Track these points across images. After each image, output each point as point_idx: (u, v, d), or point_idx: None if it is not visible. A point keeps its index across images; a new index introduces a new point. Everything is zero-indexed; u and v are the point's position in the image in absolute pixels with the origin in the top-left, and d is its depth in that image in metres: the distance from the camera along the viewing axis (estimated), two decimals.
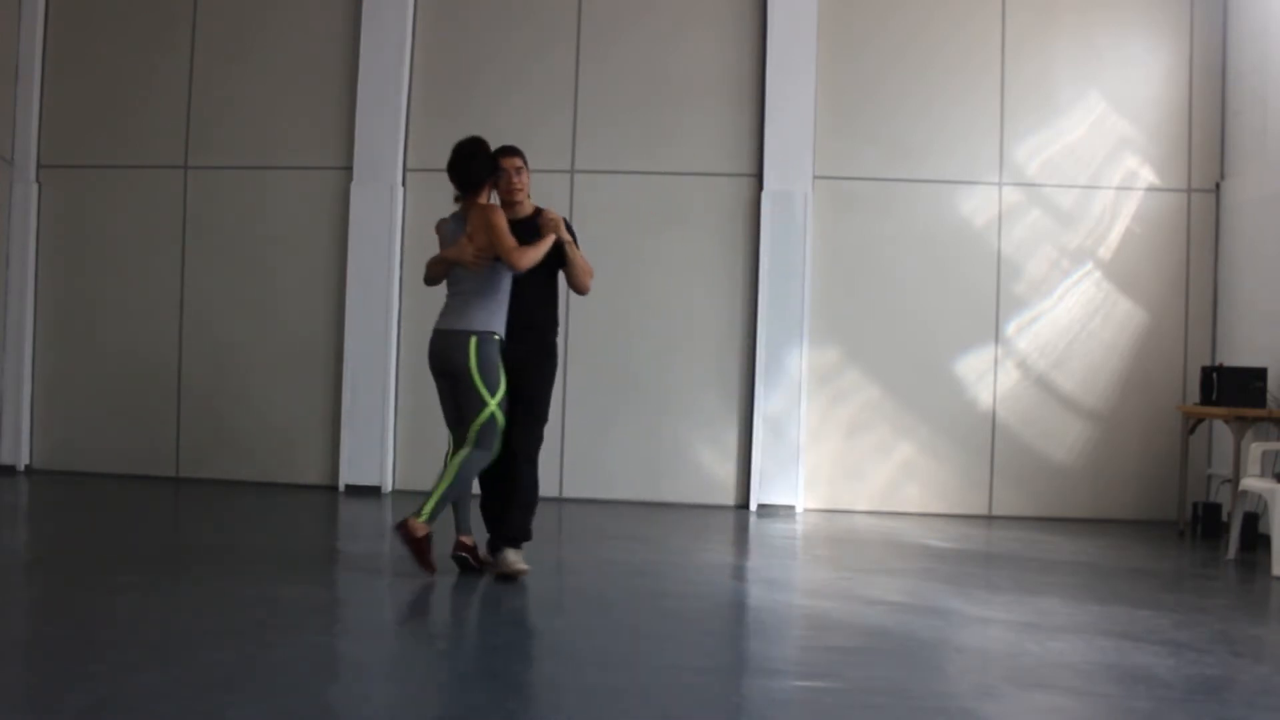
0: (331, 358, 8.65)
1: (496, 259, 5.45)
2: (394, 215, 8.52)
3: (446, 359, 5.47)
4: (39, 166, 8.93)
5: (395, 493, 8.54)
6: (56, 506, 7.81)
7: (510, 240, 5.39)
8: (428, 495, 5.39)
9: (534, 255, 5.42)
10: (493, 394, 5.41)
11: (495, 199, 5.73)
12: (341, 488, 8.50)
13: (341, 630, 4.70)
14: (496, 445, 5.47)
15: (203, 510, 7.74)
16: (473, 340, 5.40)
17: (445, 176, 5.68)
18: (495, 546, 5.65)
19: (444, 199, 8.83)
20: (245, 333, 8.76)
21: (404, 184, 8.59)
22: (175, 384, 8.82)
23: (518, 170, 5.65)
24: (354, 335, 8.51)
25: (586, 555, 6.30)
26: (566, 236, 5.59)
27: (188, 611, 4.75)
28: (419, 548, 5.40)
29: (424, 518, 5.34)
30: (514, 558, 5.52)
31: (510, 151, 5.70)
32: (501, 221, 5.43)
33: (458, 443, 5.55)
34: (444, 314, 5.58)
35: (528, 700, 3.75)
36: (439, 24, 8.70)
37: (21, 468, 8.87)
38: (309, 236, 8.72)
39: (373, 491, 8.45)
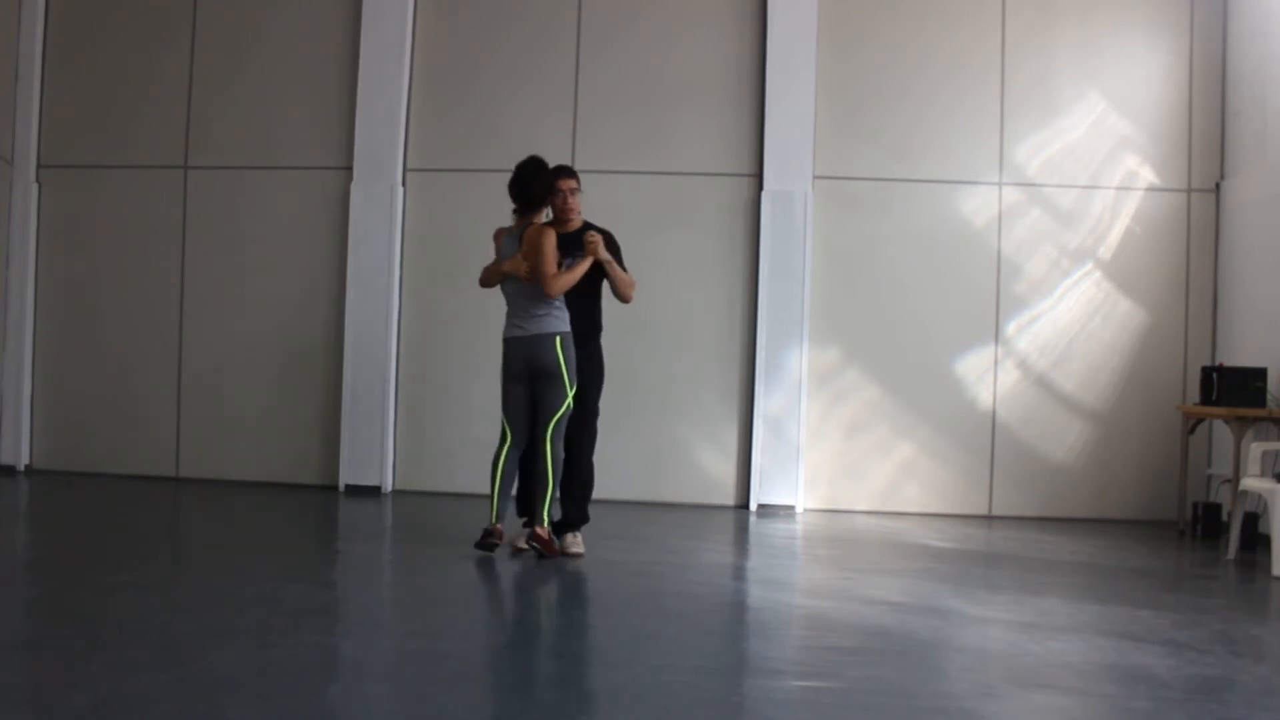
0: (331, 358, 8.64)
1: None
2: (394, 215, 8.51)
3: (536, 359, 5.95)
4: (39, 166, 8.93)
5: (395, 493, 8.54)
6: (56, 506, 7.81)
7: (552, 267, 5.89)
8: (539, 506, 5.94)
9: (567, 282, 5.94)
10: (573, 387, 6.00)
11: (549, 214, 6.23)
12: (341, 488, 8.49)
13: (342, 630, 4.70)
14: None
15: (203, 510, 7.74)
16: (558, 339, 5.96)
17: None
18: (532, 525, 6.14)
19: (444, 199, 8.85)
20: (245, 332, 8.75)
21: (404, 184, 8.58)
22: (175, 384, 8.82)
23: (573, 191, 6.18)
24: (354, 335, 8.50)
25: (587, 555, 6.29)
26: (605, 256, 6.08)
27: (188, 611, 4.75)
28: (550, 548, 6.00)
29: (546, 522, 5.97)
30: (571, 540, 6.18)
31: (568, 173, 6.23)
32: (550, 247, 5.90)
33: (520, 440, 6.04)
34: (519, 323, 6.03)
35: (528, 700, 3.74)
36: (439, 24, 8.70)
37: (21, 468, 8.87)
38: (309, 236, 8.71)
39: (373, 491, 8.44)
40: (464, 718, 3.53)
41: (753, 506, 8.35)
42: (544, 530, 5.95)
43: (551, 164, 6.16)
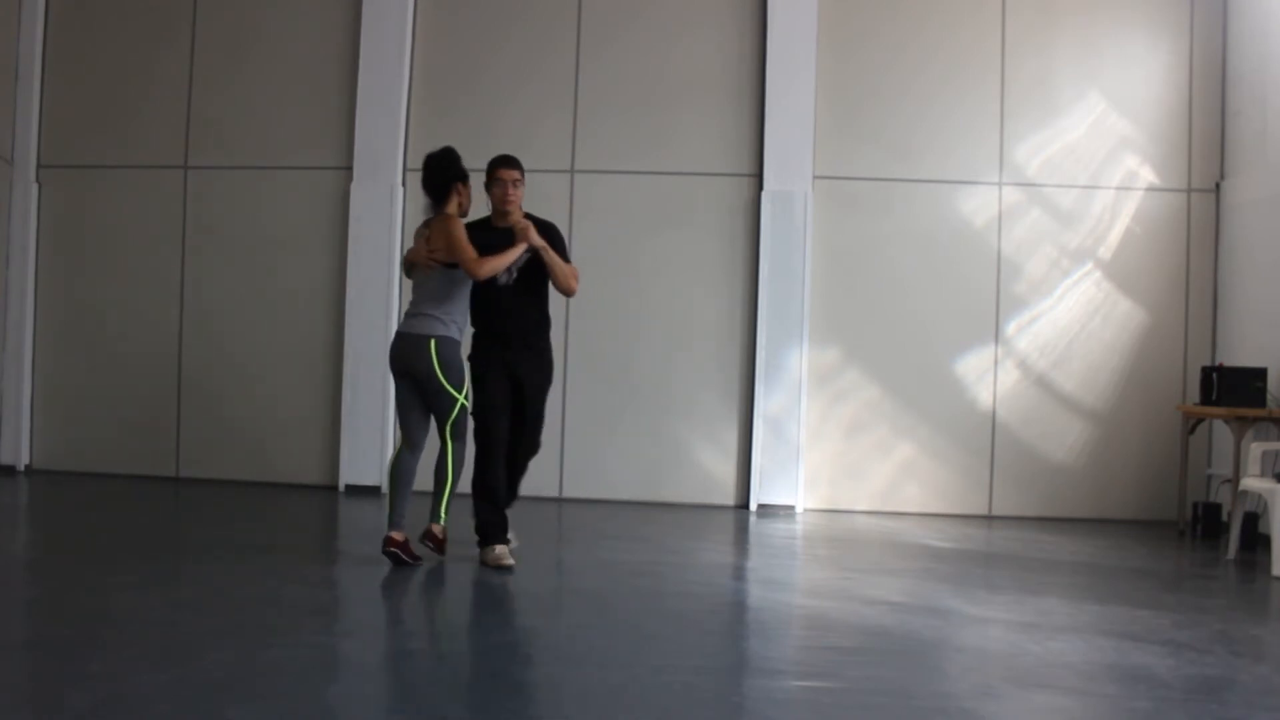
0: (331, 358, 8.65)
1: (449, 265, 5.68)
2: (394, 215, 8.51)
3: (411, 360, 5.72)
4: (39, 166, 8.93)
5: None
6: (56, 506, 7.82)
7: (470, 252, 5.60)
8: (436, 502, 5.82)
9: (494, 265, 5.63)
10: (459, 391, 5.73)
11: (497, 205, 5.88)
12: (341, 488, 8.50)
13: (341, 630, 4.69)
14: (469, 434, 5.84)
15: (203, 510, 7.74)
16: (433, 342, 5.67)
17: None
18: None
19: None
20: (245, 332, 8.76)
21: (404, 184, 8.58)
22: (175, 384, 8.82)
23: (514, 183, 5.82)
24: (354, 335, 8.50)
25: (586, 555, 6.29)
26: (539, 242, 5.71)
27: (188, 611, 4.75)
28: (442, 548, 5.87)
29: (443, 521, 5.83)
30: (500, 552, 5.81)
31: (508, 163, 5.87)
32: (461, 233, 5.65)
33: (414, 443, 5.82)
34: (407, 319, 5.84)
35: (527, 700, 3.74)
36: (439, 24, 8.70)
37: (21, 468, 8.87)
38: (309, 236, 8.71)
39: (373, 491, 8.44)
40: (463, 718, 3.53)
41: (753, 506, 8.35)
42: (439, 529, 5.83)
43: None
